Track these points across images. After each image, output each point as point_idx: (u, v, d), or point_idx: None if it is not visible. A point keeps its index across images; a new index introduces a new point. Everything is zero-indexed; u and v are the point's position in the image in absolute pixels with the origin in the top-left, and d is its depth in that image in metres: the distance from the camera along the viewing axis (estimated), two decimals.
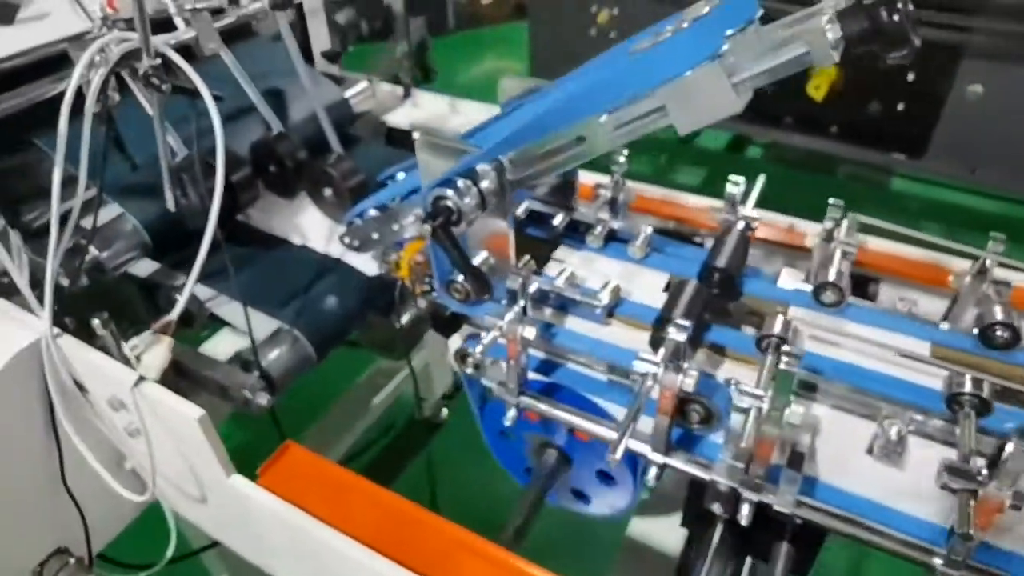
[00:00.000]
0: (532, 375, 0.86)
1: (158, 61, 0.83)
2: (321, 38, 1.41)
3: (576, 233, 0.99)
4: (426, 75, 3.96)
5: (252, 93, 1.08)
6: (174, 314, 0.87)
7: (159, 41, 0.84)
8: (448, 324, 0.94)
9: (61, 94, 0.82)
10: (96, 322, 0.89)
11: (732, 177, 0.94)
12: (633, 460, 0.91)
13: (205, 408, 0.84)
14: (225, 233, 1.03)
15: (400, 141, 1.46)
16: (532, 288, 0.82)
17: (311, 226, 1.10)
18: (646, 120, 0.64)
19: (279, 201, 1.13)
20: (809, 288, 0.90)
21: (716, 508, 0.78)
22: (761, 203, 0.98)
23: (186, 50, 0.89)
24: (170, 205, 0.99)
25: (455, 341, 0.98)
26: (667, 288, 0.92)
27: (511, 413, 0.86)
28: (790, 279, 0.96)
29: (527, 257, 0.95)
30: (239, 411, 0.95)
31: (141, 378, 0.83)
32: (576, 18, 2.82)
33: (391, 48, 3.29)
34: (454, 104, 1.45)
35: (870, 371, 0.78)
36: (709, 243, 1.14)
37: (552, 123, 0.67)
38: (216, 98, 0.86)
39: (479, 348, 0.79)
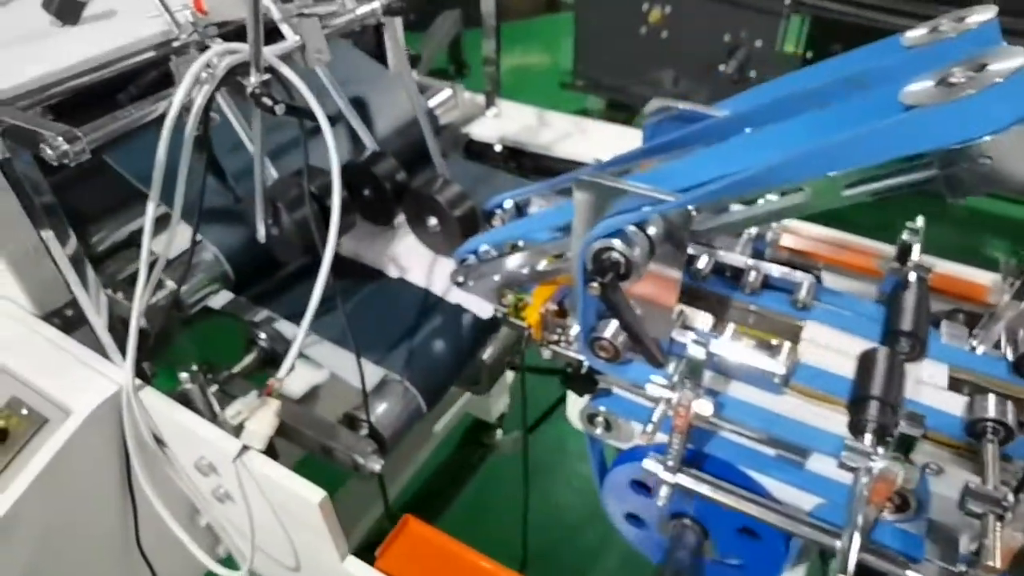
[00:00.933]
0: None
1: (267, 76, 0.72)
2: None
3: (722, 276, 0.88)
4: (459, 69, 3.81)
5: (344, 106, 0.97)
6: (283, 371, 0.76)
7: (268, 53, 0.72)
8: (583, 381, 0.83)
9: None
10: (183, 375, 0.78)
11: (910, 224, 0.83)
12: (785, 536, 0.81)
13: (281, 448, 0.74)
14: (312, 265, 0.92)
15: (480, 154, 1.34)
16: (702, 354, 0.71)
17: (410, 257, 0.99)
18: (902, 181, 0.53)
19: (372, 228, 1.02)
20: (992, 354, 0.80)
21: None
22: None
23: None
24: (261, 236, 0.87)
25: (578, 399, 0.87)
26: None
27: (664, 492, 0.75)
28: (955, 335, 0.85)
29: (679, 310, 0.84)
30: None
31: (245, 447, 0.72)
32: (626, 16, 2.69)
33: (428, 42, 3.14)
34: (542, 116, 1.33)
35: None
36: (831, 279, 1.03)
37: (780, 176, 0.56)
38: (330, 120, 0.74)
39: (650, 427, 0.68)
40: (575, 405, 0.88)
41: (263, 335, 0.92)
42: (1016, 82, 0.45)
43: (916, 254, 0.86)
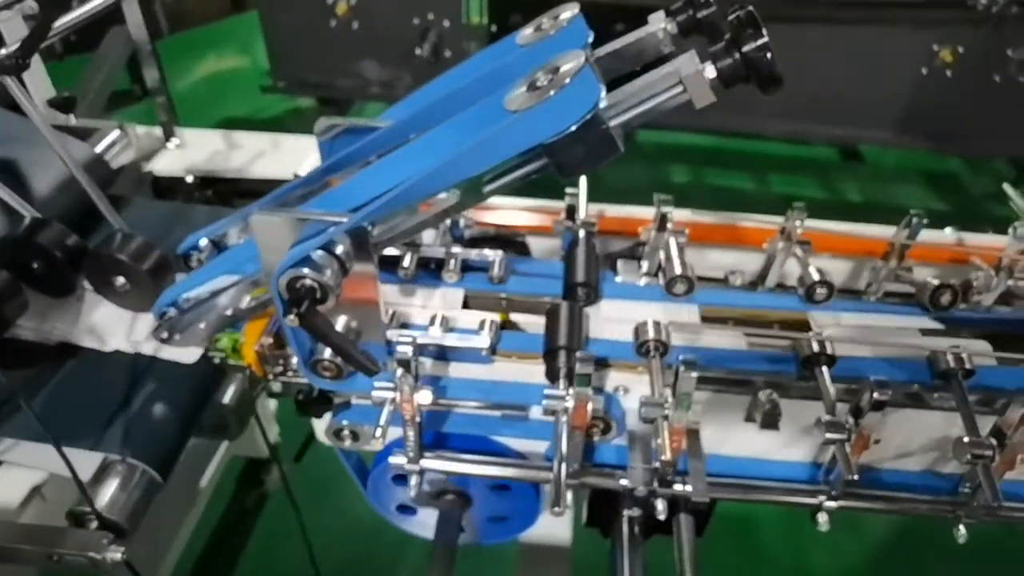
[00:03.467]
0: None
1: None
2: (41, 82, 1.15)
3: (428, 269, 0.95)
4: (144, 88, 3.48)
5: None
6: None
7: None
8: (316, 403, 0.85)
9: None
10: None
11: (570, 189, 0.96)
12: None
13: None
14: None
15: (170, 190, 1.26)
16: (408, 351, 0.76)
17: (106, 322, 0.91)
18: (526, 171, 0.62)
19: (54, 301, 0.92)
20: (651, 282, 0.97)
21: (633, 512, 0.82)
22: None
23: None
24: None
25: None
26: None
27: (414, 481, 0.81)
28: (629, 273, 1.01)
29: (391, 311, 0.89)
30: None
31: None
32: (312, 11, 2.66)
33: (96, 67, 2.82)
34: (230, 138, 1.28)
35: (732, 351, 0.86)
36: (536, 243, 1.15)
37: (430, 186, 0.62)
38: None
39: (379, 431, 0.73)
40: (322, 425, 0.90)
41: None
42: (582, 78, 0.54)
43: (582, 211, 1.00)
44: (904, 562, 1.67)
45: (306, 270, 0.67)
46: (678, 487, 0.77)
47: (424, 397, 0.75)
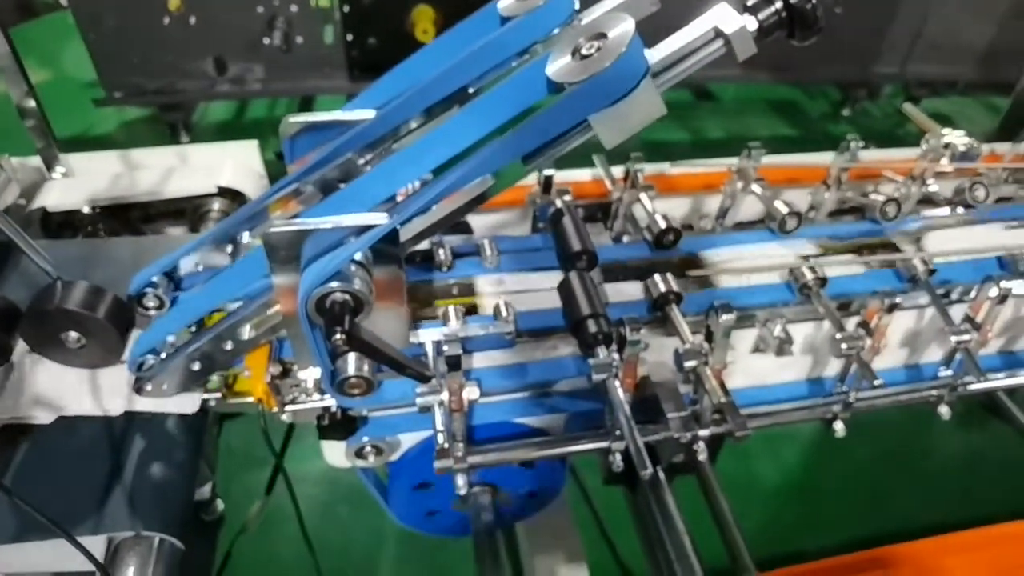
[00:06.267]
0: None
1: None
2: None
3: (413, 263, 0.90)
4: None
5: None
6: None
7: None
8: (342, 425, 0.79)
9: None
10: None
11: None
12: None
13: None
14: None
15: (67, 226, 1.10)
16: (457, 349, 0.72)
17: (59, 387, 0.78)
18: (568, 143, 0.61)
19: None
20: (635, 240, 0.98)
21: (679, 458, 0.84)
22: None
23: None
24: None
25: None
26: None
27: (461, 480, 0.78)
28: (597, 233, 1.03)
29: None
30: None
31: None
32: (139, 10, 2.38)
33: None
34: (128, 158, 1.13)
35: (737, 289, 0.89)
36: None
37: (473, 172, 0.58)
38: None
39: (441, 437, 0.69)
40: (333, 449, 0.84)
41: None
42: (636, 45, 0.53)
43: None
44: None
45: (335, 284, 0.62)
46: (725, 428, 0.80)
47: (473, 392, 0.72)
